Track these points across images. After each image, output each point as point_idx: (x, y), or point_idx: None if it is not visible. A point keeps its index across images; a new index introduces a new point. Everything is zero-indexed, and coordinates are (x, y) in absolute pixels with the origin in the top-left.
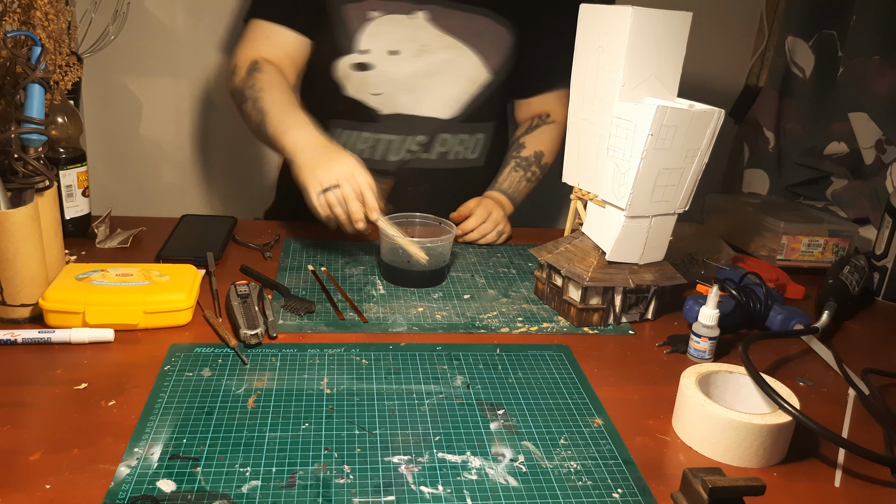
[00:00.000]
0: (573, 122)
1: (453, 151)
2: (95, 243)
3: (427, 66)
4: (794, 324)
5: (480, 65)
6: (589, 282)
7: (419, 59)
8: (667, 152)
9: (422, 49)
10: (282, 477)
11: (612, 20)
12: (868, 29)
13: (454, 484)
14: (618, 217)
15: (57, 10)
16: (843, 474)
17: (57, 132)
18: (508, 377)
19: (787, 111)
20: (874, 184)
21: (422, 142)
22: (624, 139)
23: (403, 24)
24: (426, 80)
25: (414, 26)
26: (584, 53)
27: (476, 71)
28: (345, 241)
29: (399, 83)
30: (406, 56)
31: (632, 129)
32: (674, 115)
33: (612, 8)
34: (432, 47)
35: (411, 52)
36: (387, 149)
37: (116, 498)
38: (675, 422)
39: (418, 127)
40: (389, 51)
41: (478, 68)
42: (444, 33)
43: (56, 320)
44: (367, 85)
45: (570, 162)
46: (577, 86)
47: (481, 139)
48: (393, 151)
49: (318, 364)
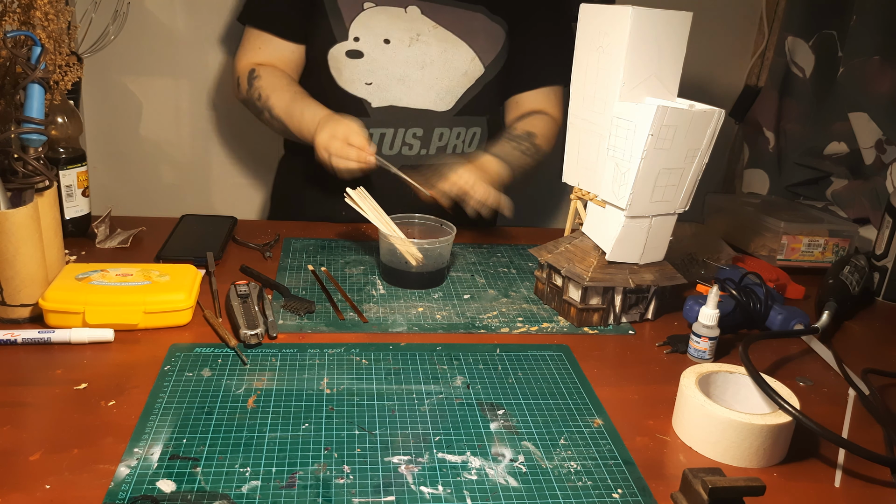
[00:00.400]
0: (573, 123)
1: (451, 145)
2: (95, 243)
3: (420, 55)
4: (794, 324)
5: (474, 58)
6: (589, 282)
7: (412, 48)
8: (667, 152)
9: (415, 38)
10: (282, 477)
11: (611, 20)
12: (868, 29)
13: (454, 484)
14: (618, 217)
15: (57, 10)
16: (843, 474)
17: (57, 132)
18: (508, 377)
19: (787, 111)
20: (874, 184)
21: (419, 135)
22: (624, 139)
23: (398, 15)
24: (419, 72)
25: (408, 17)
26: (584, 54)
27: (470, 64)
28: (345, 241)
29: (391, 72)
30: (398, 44)
31: (632, 129)
32: (674, 114)
33: (611, 8)
34: (425, 38)
35: (404, 41)
36: (380, 143)
37: (116, 498)
38: (675, 422)
39: (412, 119)
40: (382, 39)
41: (471, 61)
42: (438, 25)
43: (56, 320)
44: (358, 73)
45: (571, 162)
46: (578, 86)
47: (478, 133)
48: (387, 145)
49: (318, 364)
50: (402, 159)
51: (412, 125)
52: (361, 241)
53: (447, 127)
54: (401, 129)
